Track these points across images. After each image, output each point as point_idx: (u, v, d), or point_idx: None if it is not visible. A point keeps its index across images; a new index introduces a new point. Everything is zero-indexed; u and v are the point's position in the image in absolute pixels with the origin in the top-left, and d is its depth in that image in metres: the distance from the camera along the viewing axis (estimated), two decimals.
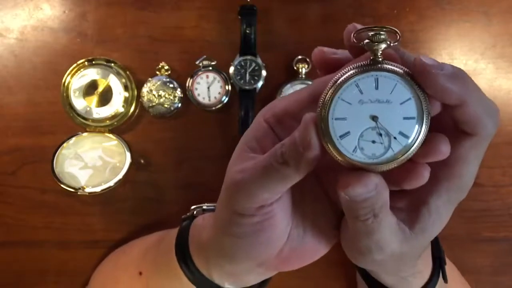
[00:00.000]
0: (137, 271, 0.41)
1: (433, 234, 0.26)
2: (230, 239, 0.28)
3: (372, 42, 0.22)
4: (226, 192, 0.27)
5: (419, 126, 0.22)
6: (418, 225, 0.25)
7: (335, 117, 0.22)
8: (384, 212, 0.24)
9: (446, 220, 0.26)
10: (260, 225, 0.27)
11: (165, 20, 0.52)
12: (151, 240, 0.45)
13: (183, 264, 0.34)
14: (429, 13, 0.52)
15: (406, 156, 0.22)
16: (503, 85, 0.52)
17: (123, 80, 0.50)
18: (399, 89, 0.22)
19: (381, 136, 0.22)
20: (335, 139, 0.22)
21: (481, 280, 0.50)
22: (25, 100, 0.51)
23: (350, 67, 0.23)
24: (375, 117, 0.22)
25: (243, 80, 0.50)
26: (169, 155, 0.52)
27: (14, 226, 0.51)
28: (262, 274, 0.32)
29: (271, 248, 0.28)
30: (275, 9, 0.52)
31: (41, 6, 0.53)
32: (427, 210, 0.25)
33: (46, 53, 0.52)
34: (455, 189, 0.25)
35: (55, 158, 0.49)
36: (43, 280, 0.51)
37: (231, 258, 0.29)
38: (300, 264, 0.30)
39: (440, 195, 0.25)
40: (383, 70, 0.22)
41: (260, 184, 0.25)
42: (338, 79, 0.23)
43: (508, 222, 0.51)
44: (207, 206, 0.39)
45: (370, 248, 0.26)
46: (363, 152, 0.22)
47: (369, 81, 0.22)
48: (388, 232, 0.25)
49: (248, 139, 0.27)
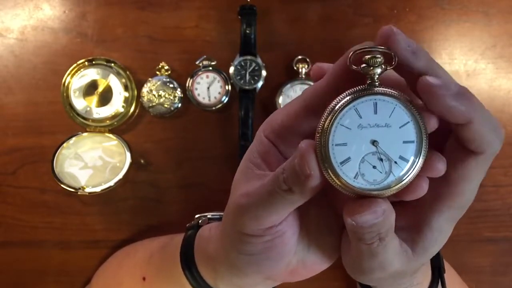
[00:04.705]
0: (141, 275, 0.41)
1: (434, 252, 0.26)
2: (240, 256, 0.28)
3: (368, 66, 0.22)
4: (232, 215, 0.27)
5: (419, 149, 0.22)
6: (421, 244, 0.25)
7: (335, 143, 0.22)
8: (390, 236, 0.24)
9: (446, 237, 0.26)
10: (271, 242, 0.26)
11: (165, 20, 0.52)
12: (156, 245, 0.44)
13: (188, 273, 0.34)
14: (429, 13, 0.52)
15: (408, 180, 0.22)
16: (503, 85, 0.52)
17: (123, 80, 0.50)
18: (398, 112, 0.22)
19: (382, 161, 0.22)
20: (335, 165, 0.22)
21: (481, 280, 0.50)
22: (25, 100, 0.51)
23: (347, 92, 0.22)
24: (375, 142, 0.22)
25: (243, 80, 0.50)
26: (169, 155, 0.51)
27: (14, 226, 0.51)
28: (269, 285, 0.32)
29: (282, 263, 0.28)
30: (275, 9, 0.52)
31: (41, 6, 0.53)
32: (429, 229, 0.25)
33: (46, 53, 0.52)
34: (457, 207, 0.24)
35: (55, 158, 0.49)
36: (43, 280, 0.51)
37: (240, 272, 0.29)
38: (307, 275, 0.30)
39: (442, 214, 0.24)
40: (381, 94, 0.22)
41: (265, 208, 0.25)
42: (336, 104, 0.22)
43: (508, 222, 0.51)
44: (212, 215, 0.38)
45: (372, 269, 0.25)
46: (364, 178, 0.22)
47: (367, 106, 0.22)
48: (392, 254, 0.25)
49: (251, 155, 0.27)
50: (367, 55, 0.22)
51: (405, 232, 0.26)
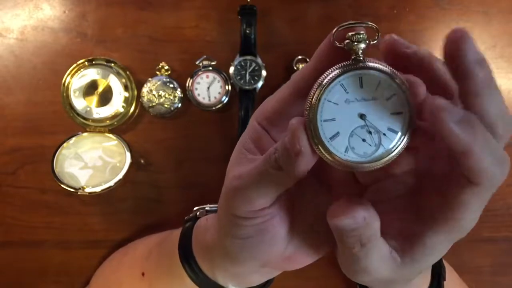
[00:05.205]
0: (140, 272, 0.41)
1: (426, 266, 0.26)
2: (233, 240, 0.28)
3: (352, 41, 0.22)
4: (225, 197, 0.27)
5: (406, 120, 0.22)
6: (410, 256, 0.25)
7: (323, 119, 0.22)
8: (372, 242, 0.24)
9: (441, 254, 0.25)
10: (263, 225, 0.27)
11: (165, 20, 0.52)
12: (154, 240, 0.45)
13: (186, 265, 0.34)
14: (429, 13, 0.52)
15: (398, 151, 0.22)
16: (503, 85, 0.52)
17: (123, 80, 0.50)
18: (383, 85, 0.22)
19: (371, 134, 0.22)
20: (325, 141, 0.22)
21: (481, 280, 0.50)
22: (25, 100, 0.51)
23: (333, 68, 0.23)
24: (363, 115, 0.22)
25: (243, 80, 0.50)
26: (169, 155, 0.52)
27: (14, 226, 0.51)
28: (267, 274, 0.33)
29: (275, 247, 0.28)
30: (275, 9, 0.52)
31: (41, 6, 0.53)
32: (422, 244, 0.24)
33: (46, 53, 0.52)
34: (454, 231, 0.24)
35: (55, 158, 0.49)
36: (43, 280, 0.51)
37: (235, 259, 0.30)
38: (304, 262, 0.30)
39: (437, 234, 0.24)
40: (366, 68, 0.22)
41: (257, 190, 0.25)
42: (323, 81, 0.23)
43: (508, 222, 0.51)
44: (210, 207, 0.39)
45: (358, 272, 0.25)
46: (354, 151, 0.23)
47: (353, 80, 0.22)
48: (376, 260, 0.24)
49: (244, 141, 0.27)
50: (350, 32, 0.22)
51: (398, 241, 0.25)
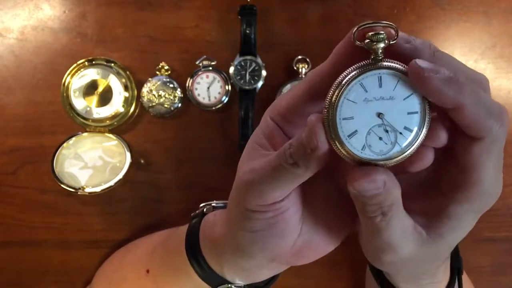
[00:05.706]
0: (145, 269, 0.41)
1: (453, 241, 0.26)
2: (245, 233, 0.28)
3: (371, 41, 0.23)
4: (237, 191, 0.27)
5: (423, 119, 0.23)
6: (437, 230, 0.25)
7: (342, 117, 0.23)
8: (394, 211, 0.24)
9: (468, 228, 0.26)
10: (274, 219, 0.27)
11: (165, 20, 0.52)
12: (158, 238, 0.45)
13: (193, 261, 0.34)
14: (429, 13, 0.52)
15: (413, 149, 0.23)
16: (503, 85, 0.52)
17: (123, 80, 0.50)
18: (402, 85, 0.23)
19: (388, 133, 0.23)
20: (343, 138, 0.23)
21: (481, 280, 0.50)
22: (25, 100, 0.51)
23: (352, 67, 0.23)
24: (381, 114, 0.23)
25: (243, 80, 0.50)
26: (169, 155, 0.52)
27: (14, 226, 0.51)
28: (274, 269, 0.33)
29: (285, 241, 0.28)
30: (275, 9, 0.52)
31: (41, 6, 0.53)
32: (447, 216, 0.25)
33: (46, 53, 0.52)
34: (475, 197, 0.24)
35: (55, 158, 0.49)
36: (43, 280, 0.51)
37: (245, 253, 0.30)
38: (313, 257, 0.30)
39: (460, 204, 0.24)
40: (385, 68, 0.23)
41: (270, 184, 0.25)
42: (342, 80, 0.23)
43: (509, 222, 0.51)
44: (216, 203, 0.39)
45: (382, 248, 0.25)
46: (371, 149, 0.23)
47: (372, 80, 0.23)
48: (399, 233, 0.25)
49: (257, 136, 0.27)
50: (370, 32, 0.23)
51: (423, 217, 0.26)
